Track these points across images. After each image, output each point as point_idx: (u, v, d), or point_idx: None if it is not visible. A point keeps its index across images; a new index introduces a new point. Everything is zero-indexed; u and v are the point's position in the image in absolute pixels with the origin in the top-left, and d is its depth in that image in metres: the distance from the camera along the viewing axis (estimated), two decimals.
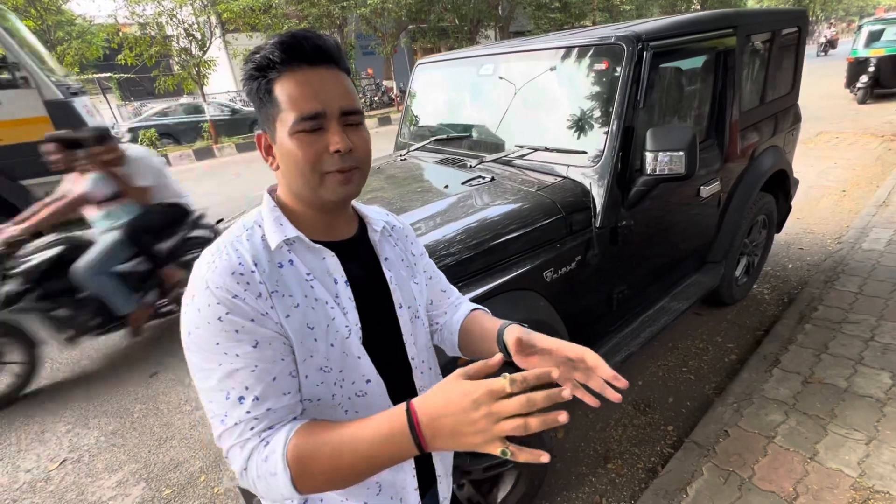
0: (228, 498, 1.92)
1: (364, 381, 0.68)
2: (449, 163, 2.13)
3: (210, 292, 0.58)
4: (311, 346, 0.63)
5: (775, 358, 2.20)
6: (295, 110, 0.60)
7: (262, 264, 0.62)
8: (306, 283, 0.64)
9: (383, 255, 0.76)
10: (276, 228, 0.65)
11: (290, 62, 0.60)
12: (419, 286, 0.81)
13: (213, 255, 0.62)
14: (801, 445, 1.71)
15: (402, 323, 0.74)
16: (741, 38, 2.11)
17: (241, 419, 0.59)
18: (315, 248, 0.67)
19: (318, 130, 0.61)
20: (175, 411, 2.47)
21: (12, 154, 3.83)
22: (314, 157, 0.61)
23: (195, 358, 0.60)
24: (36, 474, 2.16)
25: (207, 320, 0.58)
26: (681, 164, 1.56)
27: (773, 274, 3.23)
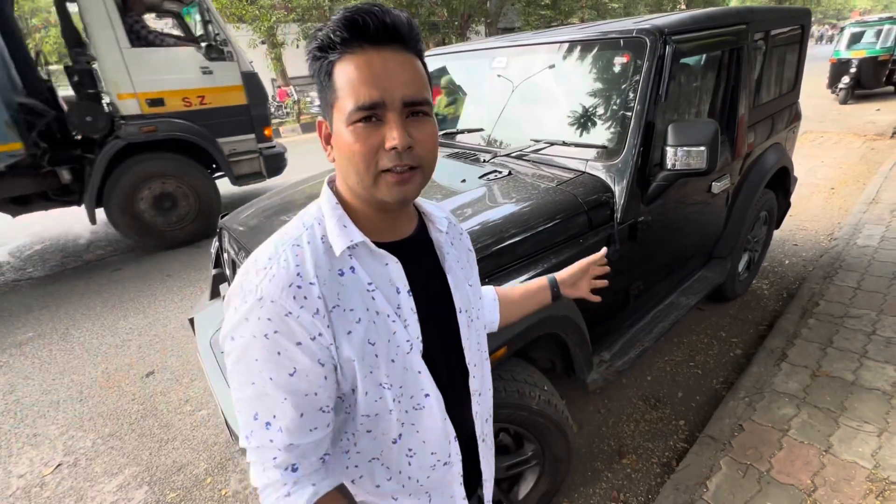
0: (237, 500, 1.87)
1: (423, 396, 0.65)
2: (461, 157, 2.09)
3: (262, 305, 0.54)
4: (371, 362, 0.60)
5: (782, 352, 2.23)
6: (352, 97, 0.53)
7: (323, 274, 0.57)
8: (367, 294, 0.60)
9: (445, 256, 0.71)
10: (340, 231, 0.59)
11: (351, 42, 0.53)
12: (474, 287, 0.77)
13: (270, 261, 0.57)
14: (814, 438, 1.73)
15: (461, 327, 0.71)
16: (752, 35, 2.12)
17: (264, 444, 0.58)
18: (378, 254, 0.61)
19: (376, 122, 0.54)
20: (175, 412, 2.39)
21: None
22: (369, 152, 0.54)
23: (234, 364, 0.57)
24: (30, 479, 2.07)
25: (253, 333, 0.55)
26: (702, 159, 1.56)
27: (772, 269, 3.28)
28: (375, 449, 0.66)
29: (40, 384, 2.71)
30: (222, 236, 2.00)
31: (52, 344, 3.12)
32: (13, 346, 3.14)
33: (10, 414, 2.49)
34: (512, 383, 1.36)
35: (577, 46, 1.85)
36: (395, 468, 0.67)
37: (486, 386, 0.81)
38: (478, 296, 0.79)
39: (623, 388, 2.28)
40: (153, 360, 2.85)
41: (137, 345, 3.03)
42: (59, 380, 2.74)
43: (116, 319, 3.37)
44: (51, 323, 3.40)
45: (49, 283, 4.11)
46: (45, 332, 3.29)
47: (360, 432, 0.64)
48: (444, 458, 0.70)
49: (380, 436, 0.65)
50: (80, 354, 2.98)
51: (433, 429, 0.67)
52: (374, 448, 0.66)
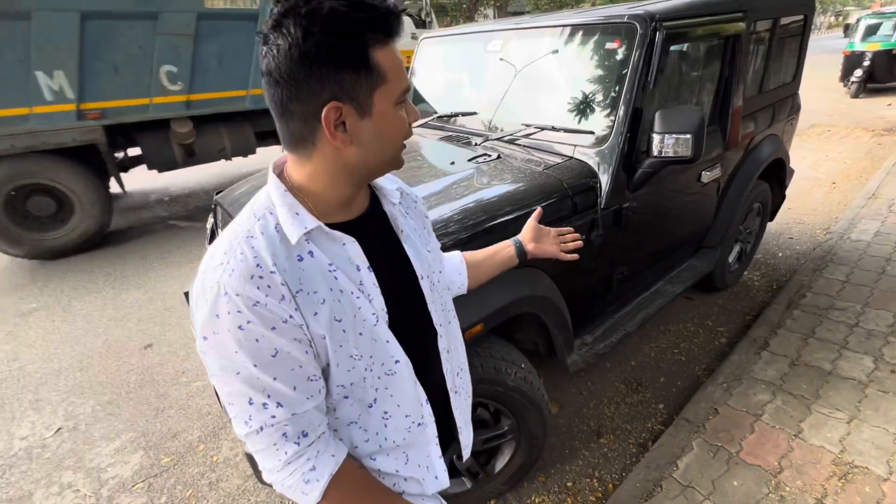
0: (228, 466, 1.95)
1: (393, 362, 0.69)
2: (453, 140, 2.11)
3: (229, 299, 0.55)
4: (340, 337, 0.62)
5: (764, 341, 2.27)
6: (401, 81, 0.60)
7: (282, 262, 0.58)
8: (329, 275, 0.62)
9: (400, 228, 0.73)
10: (293, 219, 0.60)
11: (391, 33, 0.58)
12: (433, 252, 0.80)
13: (226, 255, 0.57)
14: (786, 423, 1.78)
15: (425, 293, 0.75)
16: (750, 23, 2.11)
17: (268, 423, 0.60)
18: (335, 236, 0.63)
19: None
20: (171, 382, 2.47)
21: None
22: (407, 129, 0.64)
23: (212, 362, 0.58)
24: (32, 441, 2.16)
25: (227, 328, 0.55)
26: (687, 146, 1.57)
27: (764, 261, 3.30)
28: (353, 414, 0.70)
29: (43, 352, 2.80)
30: (217, 213, 2.05)
31: (56, 315, 3.21)
32: (18, 316, 3.22)
33: (14, 380, 2.58)
34: (489, 360, 1.41)
35: (569, 31, 1.85)
36: (372, 431, 0.71)
37: (454, 344, 0.84)
38: (438, 259, 0.82)
39: (606, 372, 2.33)
40: (152, 332, 2.93)
41: (137, 318, 3.11)
42: (62, 349, 2.82)
43: (117, 293, 3.45)
44: (54, 295, 3.49)
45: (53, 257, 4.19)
46: (48, 303, 3.38)
47: (339, 399, 0.68)
48: (418, 420, 0.74)
49: (357, 402, 0.69)
50: (82, 326, 3.06)
51: (405, 392, 0.71)
52: (353, 413, 0.70)
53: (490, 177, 1.66)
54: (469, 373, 0.94)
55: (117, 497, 1.86)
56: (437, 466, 0.78)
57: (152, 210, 5.27)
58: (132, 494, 1.86)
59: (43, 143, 3.80)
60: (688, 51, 1.96)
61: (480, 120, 2.18)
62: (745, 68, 2.17)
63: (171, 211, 5.21)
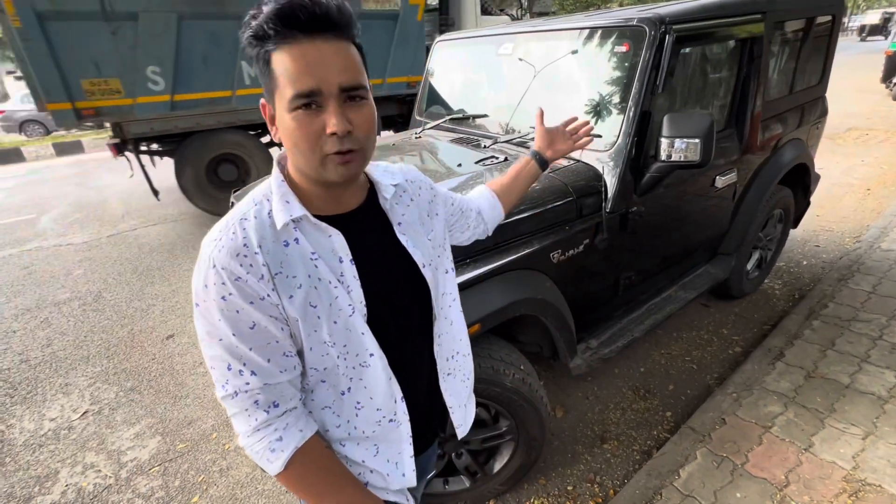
0: (239, 455, 2.02)
1: (367, 355, 0.71)
2: (463, 142, 2.13)
3: (216, 272, 0.60)
4: (314, 322, 0.65)
5: (780, 352, 2.20)
6: (290, 87, 0.56)
7: (267, 244, 0.62)
8: (311, 263, 0.65)
9: (396, 221, 0.75)
10: (283, 207, 0.64)
11: (284, 33, 0.55)
12: (433, 240, 0.81)
13: (220, 233, 0.63)
14: (796, 437, 1.73)
15: (428, 280, 0.76)
16: (770, 25, 2.05)
17: (242, 389, 0.64)
18: (321, 227, 0.66)
19: (316, 108, 0.58)
20: (189, 372, 2.58)
21: None
22: (312, 137, 0.58)
23: (200, 327, 0.64)
24: (60, 423, 2.29)
25: (213, 297, 0.61)
26: (696, 151, 1.55)
27: (787, 270, 3.19)
28: (328, 399, 0.73)
29: (74, 340, 2.96)
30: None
31: (87, 305, 3.39)
32: (52, 305, 3.42)
33: (47, 364, 2.74)
34: (487, 360, 1.43)
35: (579, 34, 1.85)
36: (343, 418, 0.75)
37: (446, 328, 0.86)
38: (440, 245, 0.83)
39: (613, 377, 2.31)
40: (174, 324, 3.06)
41: (161, 310, 3.25)
42: (91, 337, 2.98)
43: (144, 286, 3.61)
44: (86, 285, 3.68)
45: (86, 249, 4.41)
46: (81, 293, 3.56)
47: (315, 382, 0.72)
48: (390, 416, 0.77)
49: (332, 387, 0.72)
50: (110, 315, 3.22)
51: (378, 386, 0.74)
52: (327, 398, 0.73)
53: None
54: (471, 357, 0.96)
55: (135, 479, 1.95)
56: (406, 465, 0.80)
57: (179, 207, 5.48)
58: (149, 477, 1.96)
59: (239, 119, 4.72)
60: (702, 53, 1.92)
61: (490, 122, 2.19)
62: (764, 71, 2.12)
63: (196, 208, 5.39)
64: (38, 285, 3.74)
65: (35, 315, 3.29)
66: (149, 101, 4.19)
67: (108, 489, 1.91)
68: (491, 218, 1.08)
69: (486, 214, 1.07)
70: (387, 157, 2.11)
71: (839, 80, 9.99)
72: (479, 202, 1.07)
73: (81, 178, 7.43)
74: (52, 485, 1.95)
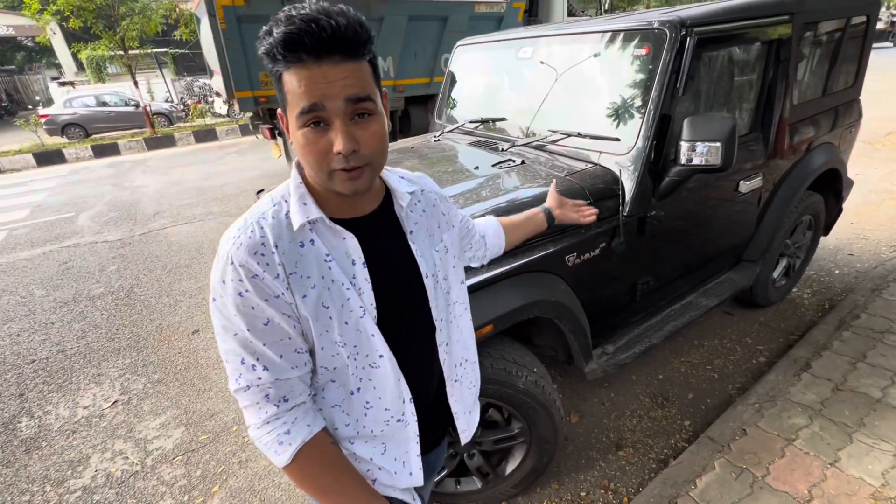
0: (257, 448, 2.08)
1: (377, 356, 0.73)
2: (481, 145, 2.15)
3: (234, 268, 0.62)
4: (325, 322, 0.68)
5: (806, 362, 2.13)
6: (297, 105, 0.58)
7: (284, 244, 0.64)
8: (325, 264, 0.67)
9: (409, 229, 0.77)
10: (300, 208, 0.66)
11: (292, 58, 0.57)
12: (439, 253, 0.82)
13: (239, 231, 0.65)
14: (822, 451, 1.67)
15: (428, 290, 0.78)
16: (798, 26, 2.00)
17: (254, 383, 0.67)
18: (335, 230, 0.68)
19: (324, 126, 0.59)
20: (213, 366, 2.67)
21: None
22: (319, 154, 0.60)
23: (217, 321, 0.67)
24: (92, 411, 2.41)
25: (230, 293, 0.63)
26: (717, 155, 1.52)
27: (817, 278, 3.08)
28: (338, 397, 0.75)
29: (107, 332, 3.10)
30: None
31: (119, 299, 3.54)
32: (87, 299, 3.59)
33: (81, 355, 2.88)
34: (500, 361, 1.43)
35: (599, 38, 1.84)
36: (353, 416, 0.77)
37: (456, 337, 0.87)
38: (451, 254, 0.85)
39: (631, 384, 2.27)
40: (199, 320, 3.17)
41: (187, 305, 3.37)
42: (122, 331, 3.11)
43: (172, 282, 3.75)
44: (119, 281, 3.85)
45: (120, 247, 4.62)
46: (113, 288, 3.73)
47: (325, 381, 0.74)
48: (398, 416, 0.78)
49: (341, 387, 0.74)
50: (140, 310, 3.36)
51: (387, 387, 0.76)
52: (337, 396, 0.75)
53: (510, 182, 1.69)
54: (478, 364, 0.98)
55: (159, 467, 2.03)
56: (413, 463, 0.82)
57: (208, 207, 5.67)
58: (172, 465, 2.03)
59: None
60: (726, 56, 1.88)
61: (509, 125, 2.20)
62: (792, 73, 2.06)
63: (222, 208, 5.58)
64: (75, 280, 3.93)
65: (71, 308, 3.46)
66: None
67: (134, 475, 2.00)
68: (492, 245, 1.12)
69: (489, 241, 1.11)
70: (406, 160, 2.15)
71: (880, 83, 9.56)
72: (486, 228, 1.11)
73: (117, 178, 7.78)
74: (83, 469, 2.05)
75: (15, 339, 3.11)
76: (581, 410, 2.15)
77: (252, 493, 1.87)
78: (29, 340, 3.09)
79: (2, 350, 3.00)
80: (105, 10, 9.98)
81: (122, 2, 10.52)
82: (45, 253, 4.60)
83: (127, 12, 10.61)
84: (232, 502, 1.84)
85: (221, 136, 11.41)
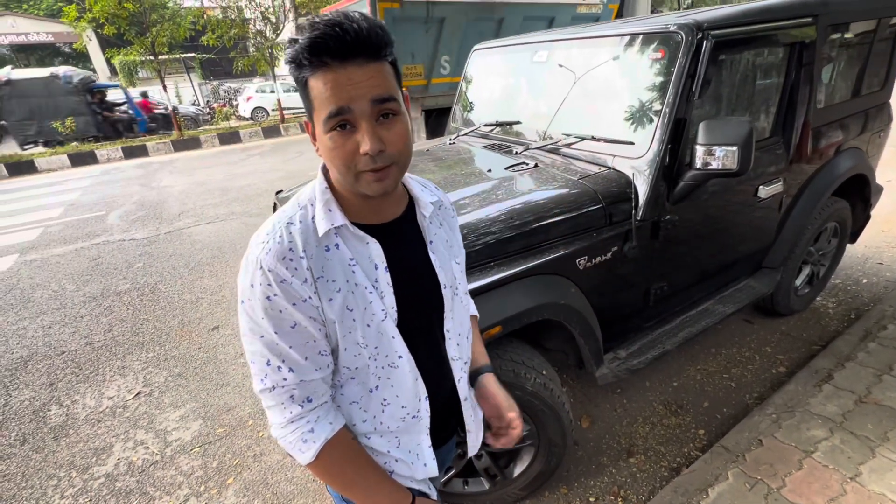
0: (271, 442, 2.13)
1: (396, 357, 0.75)
2: (496, 148, 2.16)
3: (263, 273, 0.64)
4: (349, 324, 0.70)
5: (828, 373, 2.06)
6: (324, 109, 0.60)
7: (311, 249, 0.66)
8: (349, 268, 0.68)
9: (429, 239, 0.78)
10: (325, 214, 0.68)
11: (317, 62, 0.58)
12: (460, 265, 0.84)
13: (268, 235, 0.66)
14: (842, 464, 1.62)
15: (445, 300, 0.80)
16: (822, 28, 1.95)
17: (279, 384, 0.69)
18: (359, 235, 0.70)
19: (350, 129, 0.61)
20: (231, 362, 2.74)
21: None
22: (347, 157, 0.61)
23: (244, 323, 0.68)
24: (116, 401, 2.50)
25: (258, 296, 0.64)
26: (733, 159, 1.50)
27: (843, 287, 2.98)
28: (356, 395, 0.78)
29: (132, 327, 3.22)
30: (276, 209, 2.26)
31: (144, 295, 3.67)
32: (115, 294, 3.73)
33: (108, 348, 2.99)
34: (508, 363, 1.44)
35: (615, 41, 1.84)
36: (370, 413, 0.79)
37: (468, 354, 0.89)
38: (464, 272, 0.88)
39: (644, 391, 2.24)
40: (219, 316, 3.26)
41: (208, 303, 3.47)
42: (146, 325, 3.23)
43: (194, 280, 3.87)
44: (144, 278, 3.99)
45: (146, 245, 4.78)
46: (139, 284, 3.87)
47: (345, 379, 0.76)
48: (414, 413, 0.81)
49: (360, 385, 0.77)
50: (164, 306, 3.47)
51: (405, 386, 0.78)
52: (356, 394, 0.78)
53: (522, 185, 1.70)
54: None
55: (178, 457, 2.10)
56: (426, 455, 0.84)
57: (230, 207, 5.82)
58: (190, 456, 2.10)
59: (437, 103, 5.94)
60: (746, 59, 1.85)
61: (524, 129, 2.21)
62: (815, 76, 2.01)
63: (244, 208, 5.72)
64: (104, 276, 4.09)
65: (100, 303, 3.61)
66: (439, 82, 5.78)
67: (154, 465, 2.07)
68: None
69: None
70: (421, 162, 2.17)
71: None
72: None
73: (145, 179, 8.06)
74: (107, 457, 2.14)
75: (47, 332, 3.26)
76: (592, 415, 2.13)
77: (265, 486, 1.92)
78: (59, 333, 3.23)
79: (35, 342, 3.15)
80: (137, 17, 10.38)
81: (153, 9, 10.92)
82: (77, 249, 4.80)
83: (157, 19, 11.01)
84: (246, 494, 1.88)
85: (245, 139, 11.70)
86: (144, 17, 10.52)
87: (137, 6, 10.06)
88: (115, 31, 10.22)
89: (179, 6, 12.14)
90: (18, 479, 2.06)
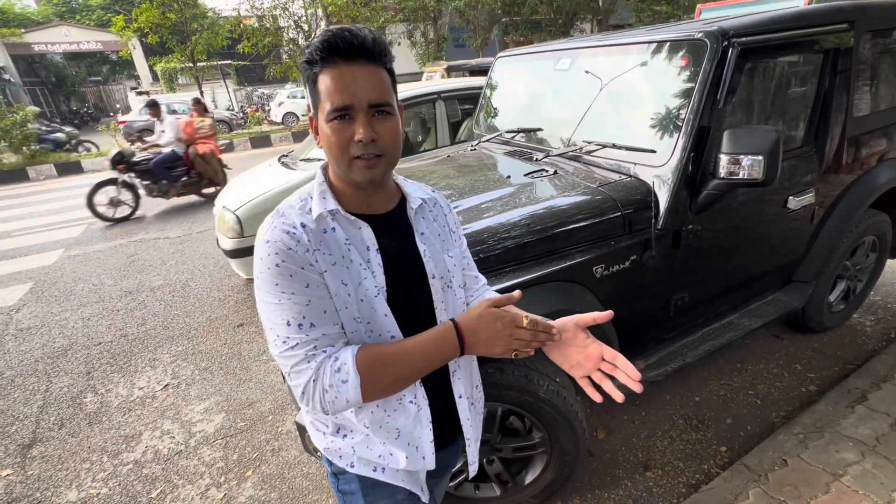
0: (289, 438, 2.19)
1: (389, 336, 0.78)
2: (516, 155, 2.17)
3: (269, 245, 0.71)
4: (345, 298, 0.75)
5: (862, 394, 1.97)
6: (329, 101, 0.69)
7: (310, 227, 0.74)
8: (344, 247, 0.76)
9: (419, 230, 0.84)
10: (320, 201, 0.76)
11: (328, 59, 0.68)
12: (453, 259, 0.88)
13: (273, 218, 0.75)
14: (874, 490, 1.54)
15: (433, 291, 0.83)
16: (860, 35, 1.88)
17: (302, 340, 0.72)
18: (352, 220, 0.77)
19: (348, 119, 0.70)
20: (254, 359, 2.83)
21: None
22: (343, 142, 0.70)
23: (261, 295, 0.73)
24: (146, 392, 2.62)
25: (268, 266, 0.70)
26: (759, 169, 1.47)
27: (883, 305, 2.83)
28: None
29: (163, 321, 3.37)
30: None
31: (175, 292, 3.83)
32: (148, 290, 3.91)
33: (140, 341, 3.14)
34: (521, 368, 1.44)
35: (639, 49, 1.83)
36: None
37: (466, 361, 0.91)
38: (460, 267, 0.90)
39: (664, 404, 2.19)
40: (245, 314, 3.37)
41: (235, 300, 3.59)
42: (176, 320, 3.37)
43: (222, 278, 4.01)
44: (176, 275, 4.16)
45: (179, 243, 4.99)
46: (171, 281, 4.04)
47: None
48: (410, 397, 0.83)
49: None
50: (194, 302, 3.61)
51: None
52: None
53: (541, 192, 1.70)
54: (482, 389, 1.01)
55: (201, 448, 2.18)
56: (426, 449, 0.85)
57: None
58: (212, 448, 2.17)
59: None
60: (776, 66, 1.81)
61: (546, 135, 2.21)
62: (851, 84, 1.94)
63: None
64: (139, 272, 4.30)
65: (135, 297, 3.78)
66: None
67: (179, 454, 2.16)
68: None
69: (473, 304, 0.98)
70: (441, 167, 2.20)
71: None
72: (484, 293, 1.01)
73: None
74: (135, 444, 2.24)
75: (86, 323, 3.44)
76: (609, 427, 2.09)
77: (282, 479, 1.97)
78: (97, 325, 3.41)
79: (75, 332, 3.33)
80: (179, 26, 10.90)
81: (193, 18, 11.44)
82: (116, 246, 5.05)
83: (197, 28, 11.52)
84: (263, 487, 1.94)
85: (275, 143, 12.06)
86: (185, 27, 11.03)
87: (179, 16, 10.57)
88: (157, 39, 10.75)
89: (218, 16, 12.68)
90: (55, 461, 2.18)
